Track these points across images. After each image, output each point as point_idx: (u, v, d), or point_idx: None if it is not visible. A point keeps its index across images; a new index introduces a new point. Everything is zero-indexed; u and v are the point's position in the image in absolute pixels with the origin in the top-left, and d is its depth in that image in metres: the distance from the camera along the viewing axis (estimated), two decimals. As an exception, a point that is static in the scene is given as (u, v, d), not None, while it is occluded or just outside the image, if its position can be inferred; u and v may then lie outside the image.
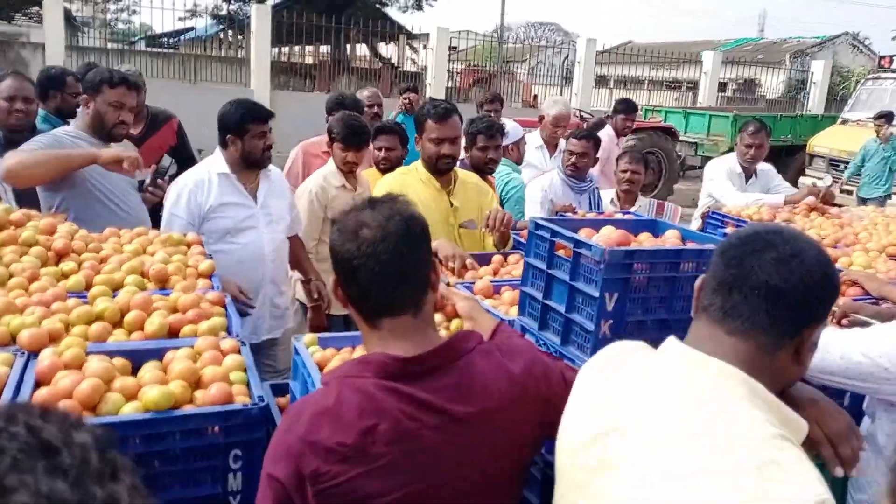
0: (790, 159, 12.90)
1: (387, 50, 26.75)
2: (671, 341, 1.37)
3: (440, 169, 3.28)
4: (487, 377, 1.41)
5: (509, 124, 5.03)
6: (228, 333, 2.05)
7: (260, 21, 13.93)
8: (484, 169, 3.94)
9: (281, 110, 13.78)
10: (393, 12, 28.66)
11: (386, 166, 4.24)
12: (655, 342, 2.10)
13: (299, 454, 1.26)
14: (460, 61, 30.05)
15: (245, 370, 1.81)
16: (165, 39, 30.86)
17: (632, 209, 4.53)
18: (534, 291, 2.23)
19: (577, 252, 2.04)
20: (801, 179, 9.78)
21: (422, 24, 15.89)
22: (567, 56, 18.84)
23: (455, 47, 34.56)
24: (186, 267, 2.46)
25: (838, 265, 3.24)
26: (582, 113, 12.05)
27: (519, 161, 4.93)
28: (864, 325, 2.42)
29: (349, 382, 1.35)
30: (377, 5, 27.75)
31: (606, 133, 6.59)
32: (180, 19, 26.60)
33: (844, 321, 2.46)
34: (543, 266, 2.18)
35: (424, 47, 18.96)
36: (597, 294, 1.95)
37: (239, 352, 1.89)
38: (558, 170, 4.42)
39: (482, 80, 23.43)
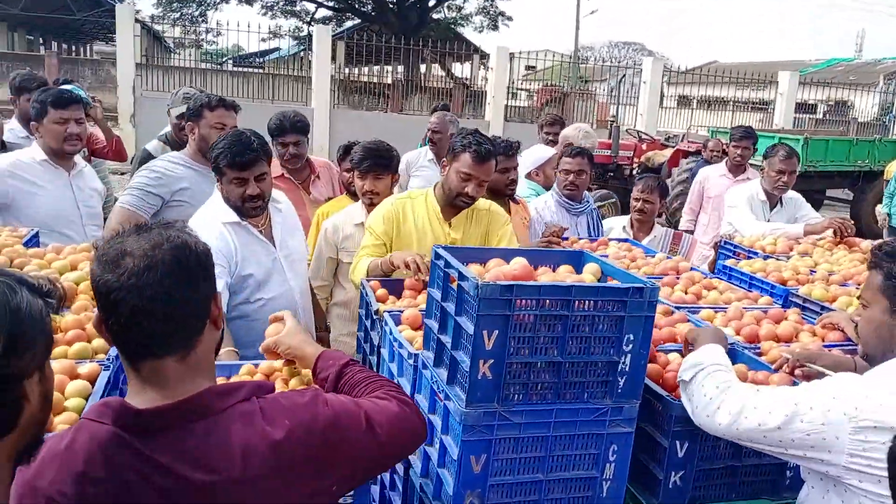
0: (868, 185, 12.10)
1: (461, 70, 26.92)
2: None
3: (457, 205, 3.04)
4: (238, 443, 1.25)
5: (540, 149, 4.86)
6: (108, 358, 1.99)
7: (321, 41, 14.24)
8: (505, 191, 3.82)
9: (340, 128, 14.05)
10: (468, 32, 28.83)
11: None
12: (549, 387, 1.93)
13: (21, 496, 1.17)
14: (537, 81, 30.02)
15: (88, 397, 1.74)
16: (253, 59, 32.36)
17: (646, 239, 4.30)
18: (432, 324, 2.08)
19: (460, 285, 1.89)
20: (878, 208, 9.15)
21: (500, 43, 15.74)
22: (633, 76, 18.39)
23: (533, 67, 34.58)
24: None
25: (835, 305, 2.94)
26: (641, 134, 11.68)
27: (547, 186, 4.71)
28: (820, 376, 2.16)
29: (87, 426, 1.23)
30: (452, 25, 27.93)
31: (715, 170, 6.11)
32: (263, 40, 27.52)
33: (798, 372, 2.20)
34: (439, 297, 2.04)
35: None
36: (471, 330, 1.79)
37: (95, 379, 1.82)
38: (553, 191, 4.23)
39: (555, 100, 23.26)
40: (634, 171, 10.99)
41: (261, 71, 25.56)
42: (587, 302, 1.85)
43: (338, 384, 1.70)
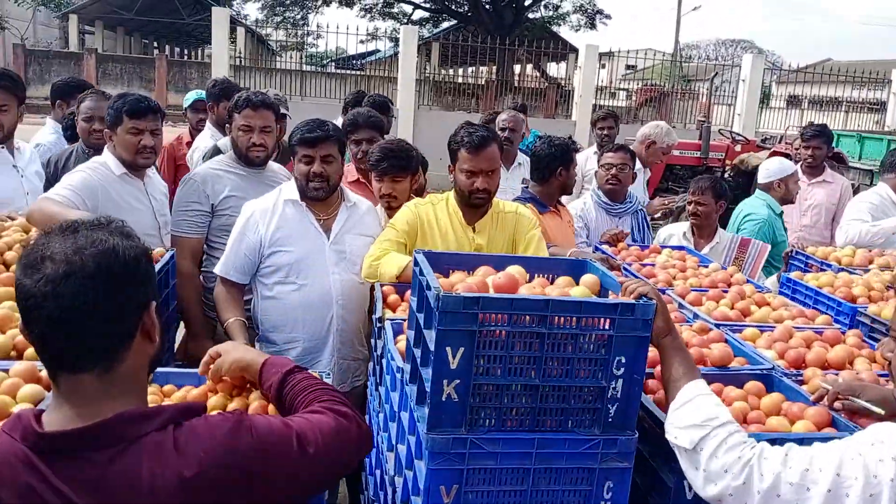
0: None
1: (557, 70, 26.45)
2: None
3: (473, 203, 2.85)
4: (146, 477, 1.14)
5: (782, 161, 4.58)
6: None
7: (407, 42, 14.25)
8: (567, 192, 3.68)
9: (424, 128, 14.03)
10: (565, 31, 28.32)
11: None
12: (527, 413, 1.70)
13: None
14: (637, 80, 29.14)
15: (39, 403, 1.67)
16: (354, 62, 33.02)
17: (708, 245, 3.96)
18: (411, 335, 1.90)
19: (426, 295, 1.70)
20: None
21: (601, 42, 15.42)
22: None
23: (634, 66, 33.63)
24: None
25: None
26: (734, 134, 11.00)
27: (784, 200, 4.41)
28: (866, 412, 1.86)
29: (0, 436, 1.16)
30: (548, 24, 27.48)
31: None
32: (361, 42, 28.01)
33: (837, 404, 1.88)
34: (415, 306, 1.86)
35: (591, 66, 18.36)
36: (432, 347, 1.60)
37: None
38: (592, 192, 3.95)
39: (654, 100, 22.46)
40: (727, 174, 10.36)
41: (360, 73, 26.06)
42: (571, 319, 1.62)
43: (281, 393, 1.58)
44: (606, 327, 1.63)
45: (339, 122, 7.10)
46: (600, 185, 3.95)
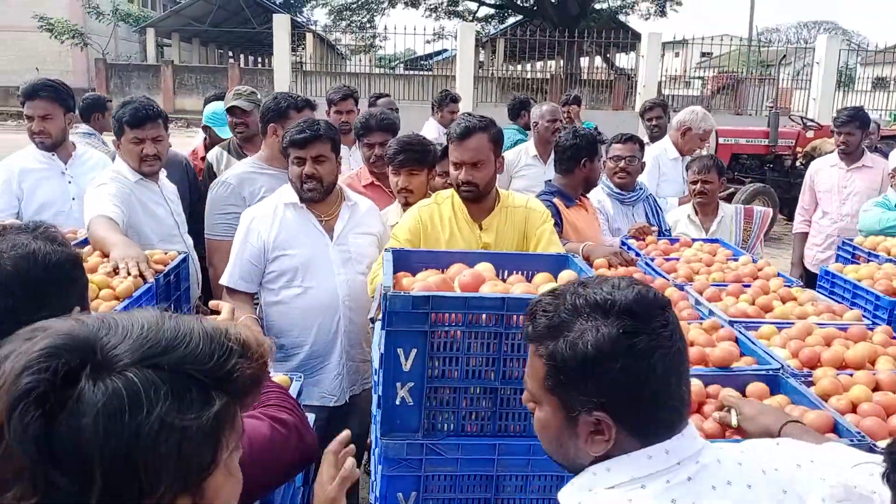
0: None
1: (626, 60, 25.81)
2: None
3: (463, 197, 2.74)
4: None
5: None
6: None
7: (464, 38, 14.17)
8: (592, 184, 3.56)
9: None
10: (633, 21, 27.63)
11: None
12: (488, 418, 1.61)
13: None
14: (712, 68, 28.15)
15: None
16: (422, 62, 33.26)
17: (715, 220, 3.92)
18: (381, 337, 1.84)
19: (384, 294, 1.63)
20: None
21: (675, 31, 14.91)
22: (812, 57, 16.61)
23: (710, 53, 32.50)
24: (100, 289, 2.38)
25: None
26: (805, 120, 10.43)
27: None
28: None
29: None
30: (615, 15, 26.86)
31: (826, 160, 4.90)
32: (427, 42, 28.03)
33: (715, 414, 1.73)
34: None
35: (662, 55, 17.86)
36: (382, 349, 1.54)
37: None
38: (602, 184, 3.81)
39: (728, 87, 21.66)
40: (798, 162, 9.84)
41: (428, 73, 26.15)
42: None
43: None
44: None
45: (431, 122, 6.93)
46: (609, 176, 3.82)
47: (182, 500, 0.70)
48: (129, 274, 2.45)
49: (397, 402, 1.57)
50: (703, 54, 33.21)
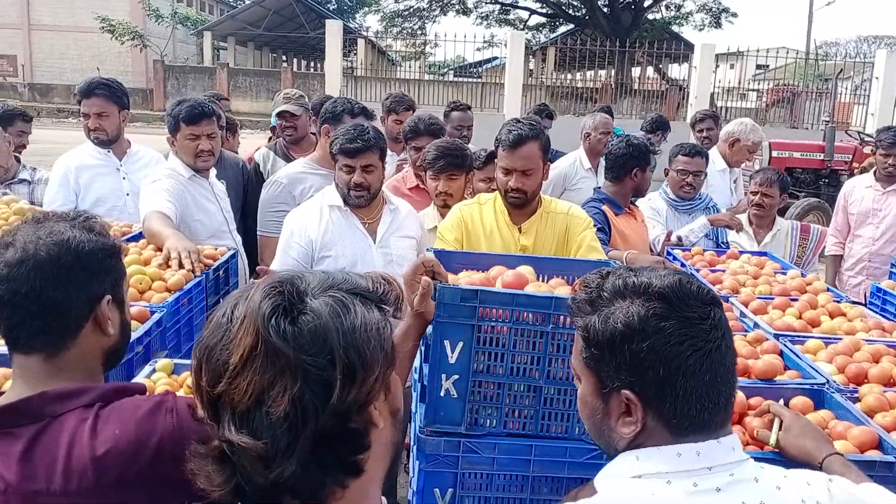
0: None
1: (679, 71, 25.53)
2: None
3: (510, 202, 2.76)
4: (63, 454, 1.17)
5: None
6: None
7: (514, 46, 14.20)
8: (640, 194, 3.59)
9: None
10: (688, 32, 27.32)
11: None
12: (530, 416, 1.63)
13: None
14: (768, 80, 27.65)
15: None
16: (472, 69, 33.44)
17: (769, 234, 3.93)
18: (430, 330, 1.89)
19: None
20: None
21: (730, 42, 14.73)
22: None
23: (766, 65, 31.92)
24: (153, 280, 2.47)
25: None
26: (863, 135, 10.19)
27: None
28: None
29: None
30: (669, 25, 26.57)
31: (862, 181, 4.58)
32: (478, 49, 28.22)
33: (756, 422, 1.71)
34: (431, 304, 1.84)
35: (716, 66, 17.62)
36: (430, 340, 1.59)
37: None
38: (662, 192, 3.82)
39: (784, 100, 21.27)
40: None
41: (477, 80, 26.27)
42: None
43: None
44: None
45: None
46: (672, 188, 3.82)
47: (381, 395, 0.92)
48: (180, 266, 2.56)
49: (441, 394, 1.61)
50: (759, 66, 32.66)
